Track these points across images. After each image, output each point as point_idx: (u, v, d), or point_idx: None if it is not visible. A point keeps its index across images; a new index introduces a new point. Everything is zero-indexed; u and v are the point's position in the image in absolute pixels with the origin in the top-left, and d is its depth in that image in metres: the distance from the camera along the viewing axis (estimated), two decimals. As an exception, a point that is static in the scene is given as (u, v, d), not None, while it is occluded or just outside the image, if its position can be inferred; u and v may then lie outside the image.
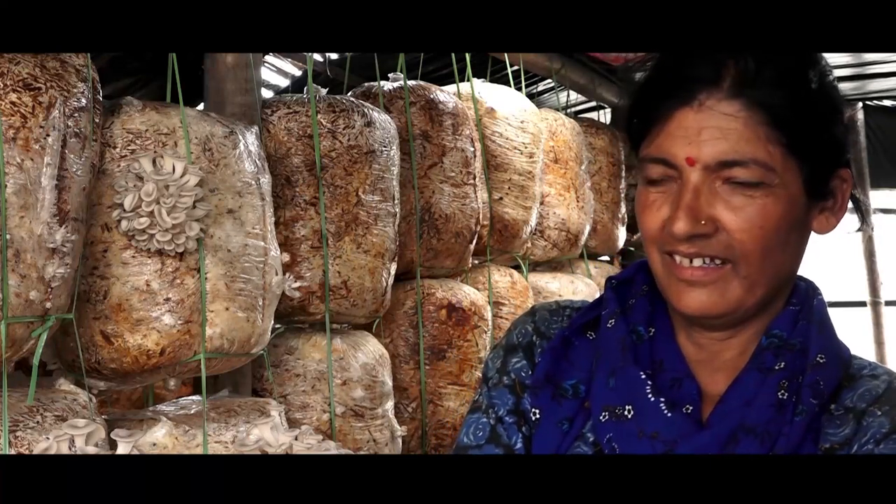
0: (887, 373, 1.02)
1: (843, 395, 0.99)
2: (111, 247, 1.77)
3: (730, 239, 0.96)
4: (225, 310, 1.85)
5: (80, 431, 1.59)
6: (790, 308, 1.03)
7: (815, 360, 0.99)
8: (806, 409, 0.96)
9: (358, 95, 2.72)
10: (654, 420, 0.98)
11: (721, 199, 0.96)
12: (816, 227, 1.02)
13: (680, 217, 0.95)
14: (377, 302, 2.43)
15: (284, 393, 2.25)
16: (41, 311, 1.59)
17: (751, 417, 0.96)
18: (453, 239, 2.82)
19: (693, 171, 0.96)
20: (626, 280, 1.10)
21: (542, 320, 1.12)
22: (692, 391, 1.01)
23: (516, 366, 1.09)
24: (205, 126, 1.90)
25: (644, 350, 1.04)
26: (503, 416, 1.07)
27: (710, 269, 0.97)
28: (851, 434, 0.96)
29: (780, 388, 0.97)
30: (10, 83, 1.54)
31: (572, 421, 1.03)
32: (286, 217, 2.26)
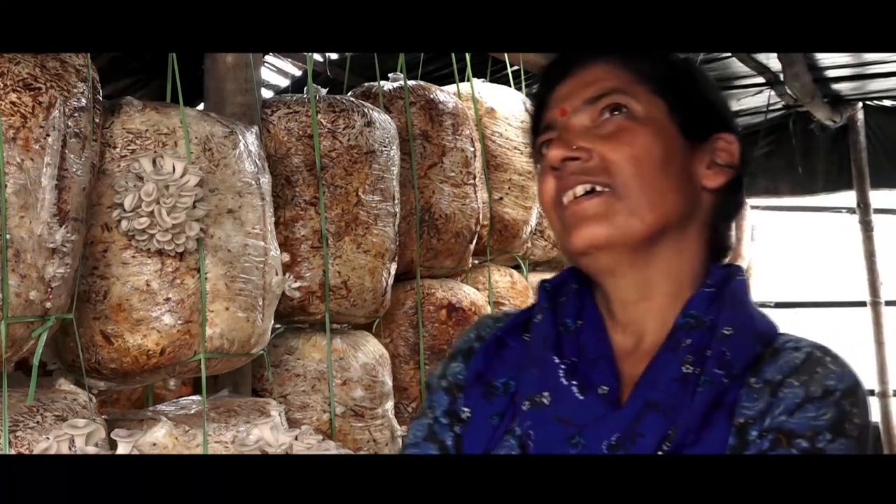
0: (811, 345, 1.00)
1: (764, 368, 0.98)
2: (111, 247, 1.77)
3: (604, 162, 1.01)
4: (225, 310, 1.85)
5: (80, 431, 1.59)
6: (705, 290, 1.04)
7: (721, 332, 1.00)
8: (709, 378, 0.96)
9: (358, 95, 2.72)
10: (566, 404, 1.00)
11: (591, 130, 1.03)
12: (704, 179, 1.06)
13: (554, 146, 1.03)
14: (377, 302, 2.42)
15: (284, 393, 2.25)
16: (41, 311, 1.59)
17: (655, 393, 0.97)
18: (453, 239, 2.82)
19: (565, 119, 1.05)
20: (558, 283, 1.13)
21: (484, 326, 1.15)
22: (607, 373, 1.02)
23: (454, 370, 1.13)
24: (205, 126, 1.90)
25: (570, 340, 1.06)
26: (439, 417, 1.10)
27: (592, 197, 1.01)
28: (766, 407, 0.95)
29: (684, 363, 0.98)
30: (11, 83, 1.54)
31: (502, 416, 1.05)
32: (286, 217, 2.26)
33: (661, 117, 1.04)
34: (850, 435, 0.93)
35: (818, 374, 0.96)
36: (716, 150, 1.07)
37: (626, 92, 1.04)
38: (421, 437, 1.10)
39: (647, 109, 1.03)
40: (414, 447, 1.10)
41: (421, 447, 1.09)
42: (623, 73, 1.05)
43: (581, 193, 1.01)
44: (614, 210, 1.00)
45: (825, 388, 0.95)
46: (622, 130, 1.02)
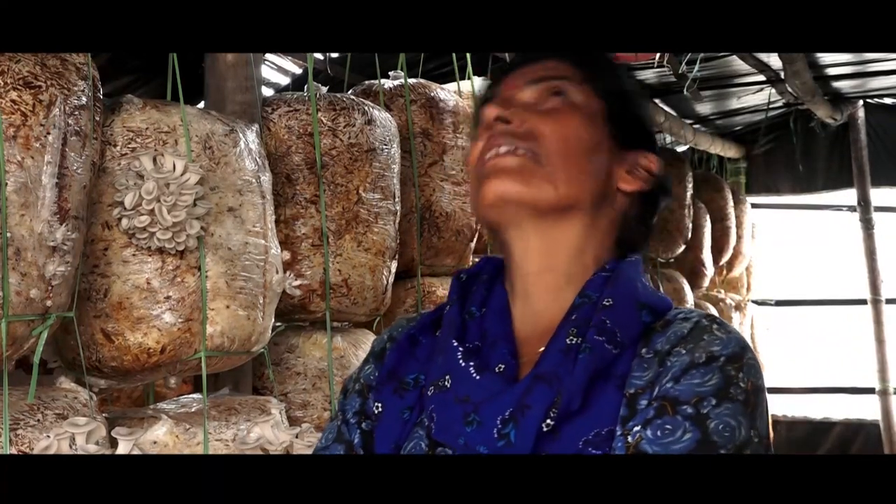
0: (700, 314, 1.02)
1: (654, 339, 1.00)
2: (112, 245, 1.77)
3: (533, 131, 1.04)
4: (225, 308, 1.85)
5: (80, 429, 1.59)
6: (601, 273, 1.07)
7: (601, 304, 1.02)
8: (590, 346, 0.98)
9: (358, 93, 2.72)
10: (464, 384, 1.01)
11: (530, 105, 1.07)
12: (620, 181, 1.10)
13: (489, 107, 1.07)
14: (378, 300, 2.43)
15: (285, 391, 2.25)
16: (42, 310, 1.59)
17: (542, 366, 0.99)
18: (454, 237, 2.82)
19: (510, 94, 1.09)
20: (472, 273, 1.15)
21: (397, 327, 1.18)
22: (504, 352, 1.04)
23: (366, 372, 1.15)
24: (205, 124, 1.90)
25: (474, 325, 1.08)
26: (348, 418, 1.12)
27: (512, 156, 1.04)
28: (654, 376, 0.97)
29: (569, 335, 1.00)
30: (11, 81, 1.54)
31: (412, 409, 1.07)
32: (287, 215, 2.26)
33: (596, 115, 1.08)
34: (735, 399, 0.93)
35: (704, 341, 0.97)
36: (637, 162, 1.11)
37: (571, 82, 1.09)
38: (331, 440, 1.12)
39: (585, 102, 1.08)
40: (324, 450, 1.12)
41: (330, 449, 1.12)
42: (571, 69, 1.10)
43: (503, 151, 1.04)
44: (531, 171, 1.03)
45: (710, 353, 0.96)
46: (557, 110, 1.07)
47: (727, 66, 4.70)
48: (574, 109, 1.07)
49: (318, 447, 1.14)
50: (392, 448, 1.06)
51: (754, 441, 0.93)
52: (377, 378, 1.12)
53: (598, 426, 0.96)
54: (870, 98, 5.81)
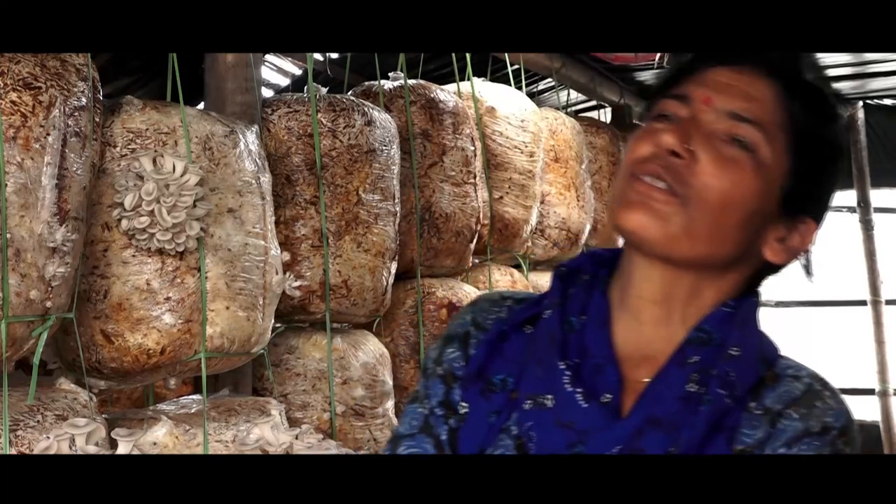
0: (810, 375, 1.01)
1: (764, 393, 0.99)
2: (111, 246, 1.77)
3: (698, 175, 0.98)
4: (225, 309, 1.85)
5: (80, 430, 1.59)
6: (725, 309, 1.04)
7: (728, 352, 0.99)
8: (712, 398, 0.96)
9: (358, 94, 2.72)
10: (570, 410, 0.99)
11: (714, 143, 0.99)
12: (769, 250, 1.04)
13: (671, 133, 0.99)
14: (377, 301, 2.42)
15: (285, 392, 2.25)
16: (41, 311, 1.59)
17: (658, 410, 0.97)
18: (454, 238, 2.82)
19: (705, 110, 1.00)
20: (573, 268, 1.11)
21: (481, 311, 1.13)
22: (612, 379, 1.01)
23: (450, 356, 1.10)
24: (205, 125, 1.90)
25: (574, 340, 1.04)
26: (434, 408, 1.08)
27: (663, 192, 0.98)
28: (765, 437, 0.96)
29: (690, 381, 0.98)
30: (11, 82, 1.54)
31: (499, 413, 1.04)
32: (286, 216, 2.26)
33: (777, 176, 1.01)
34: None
35: (817, 409, 0.96)
36: (794, 230, 1.05)
37: (768, 133, 1.00)
38: (416, 428, 1.08)
39: (771, 163, 1.00)
40: (409, 438, 1.08)
41: (416, 439, 1.07)
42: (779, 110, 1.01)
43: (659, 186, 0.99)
44: (674, 219, 0.98)
45: (824, 424, 0.95)
46: (737, 166, 0.99)
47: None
48: (754, 170, 0.99)
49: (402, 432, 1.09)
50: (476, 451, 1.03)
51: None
52: (465, 372, 1.08)
53: None
54: (869, 99, 5.80)
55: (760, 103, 1.00)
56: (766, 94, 1.01)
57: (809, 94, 1.03)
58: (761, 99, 1.01)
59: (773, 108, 1.01)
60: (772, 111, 1.00)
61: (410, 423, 1.09)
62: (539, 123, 3.32)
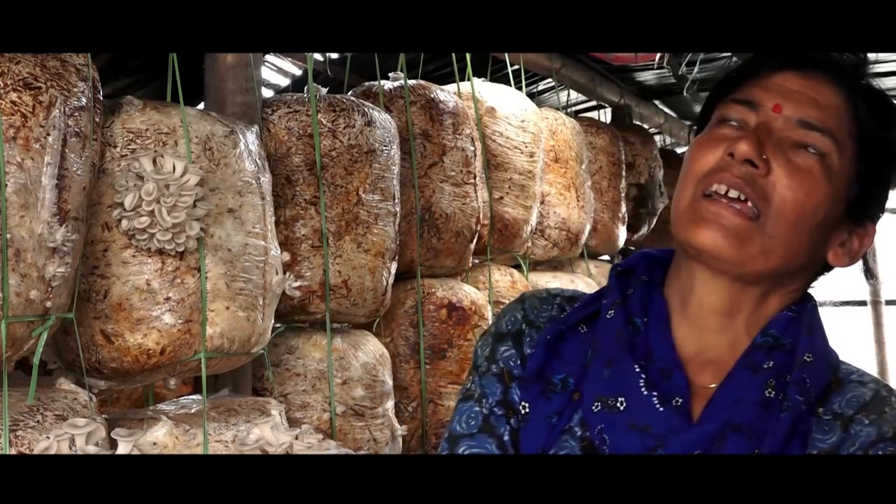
0: (874, 380, 1.02)
1: (832, 398, 1.00)
2: (111, 246, 1.77)
3: (773, 189, 0.97)
4: (225, 309, 1.85)
5: (80, 431, 1.59)
6: (788, 313, 1.04)
7: (802, 358, 1.00)
8: (791, 405, 0.97)
9: (358, 95, 2.72)
10: (645, 413, 0.99)
11: (786, 152, 0.98)
12: (832, 254, 1.05)
13: (746, 141, 0.98)
14: (377, 301, 2.42)
15: (285, 392, 2.25)
16: (41, 311, 1.59)
17: (738, 415, 0.97)
18: (453, 238, 2.82)
19: (775, 117, 1.00)
20: (629, 268, 1.10)
21: (532, 308, 1.11)
22: (681, 384, 1.01)
23: (505, 354, 1.09)
24: (205, 125, 1.90)
25: (639, 341, 1.04)
26: (494, 407, 1.06)
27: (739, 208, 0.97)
28: (839, 442, 0.97)
29: (767, 387, 0.98)
30: (11, 82, 1.54)
31: (561, 414, 1.03)
32: (286, 216, 2.26)
33: (845, 182, 1.01)
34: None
35: (887, 413, 0.97)
36: (855, 234, 1.05)
37: (838, 141, 1.00)
38: (476, 427, 1.06)
39: (841, 168, 1.00)
40: (469, 438, 1.06)
41: (477, 439, 1.05)
42: (847, 118, 1.01)
43: (733, 196, 0.98)
44: (750, 238, 0.98)
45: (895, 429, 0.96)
46: (809, 174, 0.99)
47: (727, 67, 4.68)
48: (826, 177, 0.99)
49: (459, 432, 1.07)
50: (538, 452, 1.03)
51: None
52: (524, 371, 1.06)
53: None
54: (869, 99, 5.79)
55: (829, 110, 1.00)
56: (834, 100, 1.01)
57: (873, 98, 1.04)
58: (830, 106, 1.00)
59: (841, 115, 1.01)
60: (840, 118, 1.00)
61: (468, 422, 1.07)
62: (539, 124, 3.32)
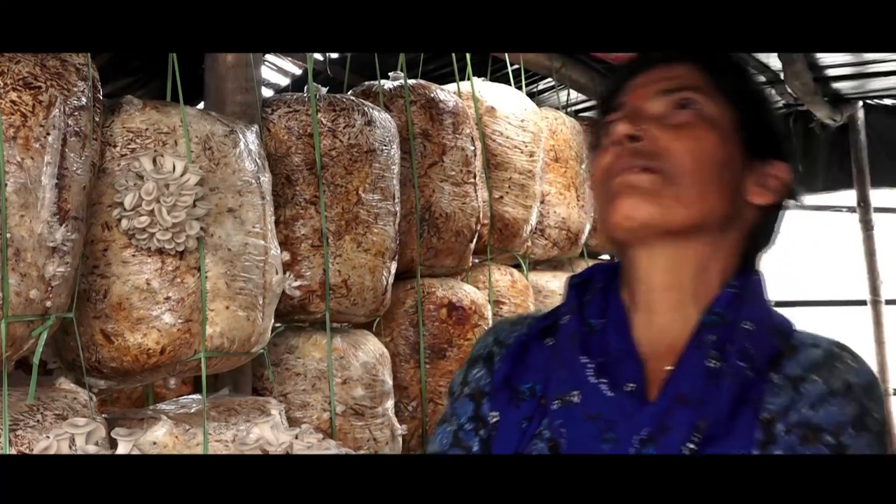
0: (829, 342, 1.03)
1: (784, 364, 1.01)
2: (111, 246, 1.77)
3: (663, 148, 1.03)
4: (225, 308, 1.85)
5: (80, 430, 1.59)
6: (730, 290, 1.07)
7: (741, 326, 1.02)
8: (734, 371, 0.99)
9: (358, 94, 2.72)
10: (596, 401, 1.02)
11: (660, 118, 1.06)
12: (752, 194, 1.09)
13: (621, 122, 1.06)
14: (377, 301, 2.42)
15: (285, 392, 2.25)
16: (41, 310, 1.59)
17: (683, 388, 0.99)
18: (453, 238, 2.82)
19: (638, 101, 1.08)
20: (585, 279, 1.15)
21: (502, 331, 1.17)
22: (633, 369, 1.04)
23: (476, 375, 1.14)
24: (205, 125, 1.90)
25: (595, 339, 1.07)
26: (463, 424, 1.11)
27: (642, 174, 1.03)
28: (789, 402, 0.98)
29: (709, 358, 1.00)
30: (11, 82, 1.54)
31: (531, 420, 1.07)
32: (286, 216, 2.26)
33: (728, 126, 1.06)
34: (871, 429, 0.95)
35: (838, 369, 0.99)
36: (768, 173, 1.10)
37: (702, 92, 1.07)
38: (447, 445, 1.10)
39: (717, 114, 1.06)
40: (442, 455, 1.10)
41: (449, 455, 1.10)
42: (702, 77, 1.08)
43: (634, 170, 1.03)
44: (662, 191, 1.02)
45: (846, 383, 0.97)
46: (689, 125, 1.05)
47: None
48: (706, 123, 1.05)
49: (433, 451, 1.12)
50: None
51: None
52: (491, 385, 1.11)
53: (735, 448, 0.97)
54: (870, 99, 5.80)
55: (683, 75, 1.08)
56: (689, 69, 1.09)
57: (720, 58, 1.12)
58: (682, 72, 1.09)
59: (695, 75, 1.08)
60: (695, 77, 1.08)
61: (441, 442, 1.12)
62: (539, 123, 3.32)
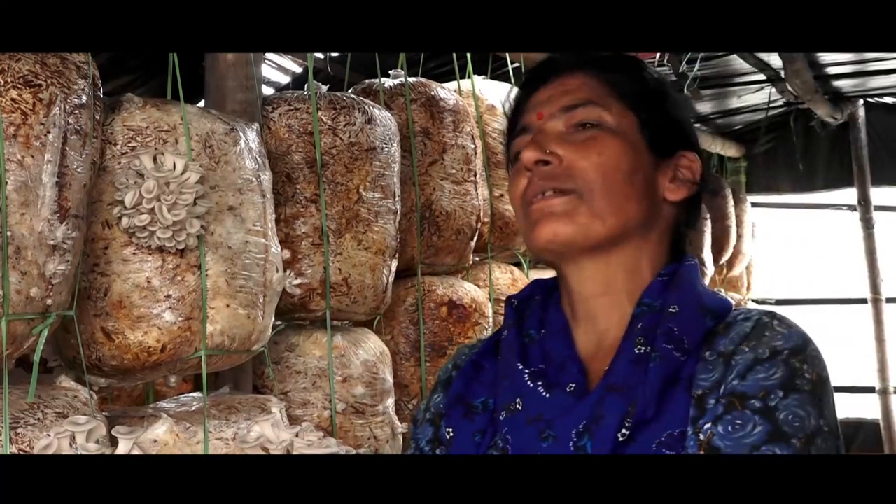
0: (761, 313, 1.04)
1: (716, 341, 1.02)
2: (112, 244, 1.77)
3: (572, 169, 1.06)
4: (226, 307, 1.85)
5: (80, 428, 1.59)
6: (659, 279, 1.08)
7: (667, 310, 1.04)
8: (660, 354, 1.00)
9: (359, 92, 2.72)
10: (535, 404, 1.04)
11: (564, 137, 1.08)
12: (667, 192, 1.11)
13: (529, 148, 1.08)
14: (378, 299, 2.43)
15: (285, 390, 2.25)
16: (42, 308, 1.59)
17: (613, 377, 1.01)
18: (454, 236, 2.82)
19: (542, 123, 1.10)
20: (524, 297, 1.17)
21: (460, 354, 1.21)
22: (574, 371, 1.06)
23: (436, 400, 1.18)
24: (205, 123, 1.90)
25: (535, 348, 1.10)
26: (423, 447, 1.15)
27: (557, 199, 1.05)
28: (720, 376, 0.99)
29: (636, 345, 1.02)
30: (11, 80, 1.54)
31: (484, 433, 1.09)
32: (287, 214, 2.26)
33: (631, 131, 1.09)
34: (801, 389, 0.96)
35: (766, 336, 1.00)
36: (679, 166, 1.12)
37: (601, 104, 1.09)
38: None
39: (618, 122, 1.08)
40: None
41: None
42: (599, 85, 1.10)
43: (548, 195, 1.06)
44: (577, 210, 1.05)
45: (773, 348, 0.98)
46: (593, 140, 1.07)
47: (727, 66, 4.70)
48: (609, 135, 1.07)
49: None
50: None
51: (824, 430, 0.95)
52: (446, 401, 1.14)
53: (669, 428, 0.98)
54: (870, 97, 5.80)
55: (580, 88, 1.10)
56: (579, 79, 1.11)
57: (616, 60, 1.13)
58: (578, 85, 1.10)
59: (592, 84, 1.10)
60: (593, 87, 1.10)
61: None
62: (539, 121, 3.31)
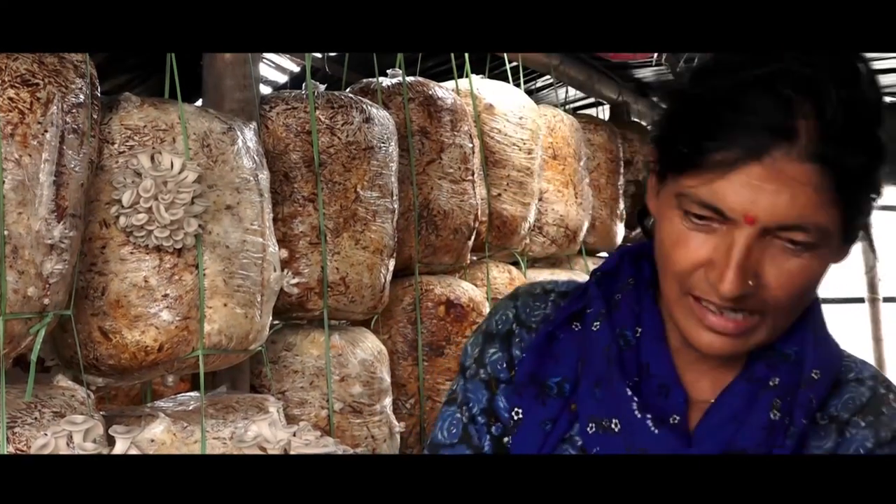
0: (872, 377, 0.99)
1: (828, 402, 0.97)
2: (109, 243, 1.77)
3: (767, 295, 0.91)
4: (223, 306, 1.85)
5: (78, 428, 1.59)
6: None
7: (809, 375, 0.96)
8: (797, 430, 0.94)
9: (356, 91, 2.71)
10: (641, 436, 0.95)
11: (769, 257, 0.90)
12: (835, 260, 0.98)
13: (730, 279, 0.89)
14: (375, 298, 2.42)
15: (283, 389, 2.25)
16: (39, 308, 1.58)
17: (741, 439, 0.94)
18: (452, 235, 2.82)
19: (750, 229, 0.89)
20: (610, 271, 1.05)
21: (524, 306, 1.07)
22: (679, 400, 0.98)
23: (493, 358, 1.06)
24: (203, 122, 1.89)
25: (630, 356, 1.00)
26: (476, 415, 1.04)
27: (739, 322, 0.92)
28: (834, 446, 0.95)
29: (772, 408, 0.95)
30: (8, 79, 1.53)
31: (555, 421, 1.00)
32: (284, 213, 2.26)
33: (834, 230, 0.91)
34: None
35: (885, 415, 0.95)
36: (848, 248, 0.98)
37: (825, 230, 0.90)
38: (456, 437, 1.04)
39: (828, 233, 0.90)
40: (448, 448, 1.04)
41: (456, 449, 1.03)
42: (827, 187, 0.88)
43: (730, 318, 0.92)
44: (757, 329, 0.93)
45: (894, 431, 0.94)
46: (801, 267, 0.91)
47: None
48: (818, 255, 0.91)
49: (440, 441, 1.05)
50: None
51: None
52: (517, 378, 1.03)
53: None
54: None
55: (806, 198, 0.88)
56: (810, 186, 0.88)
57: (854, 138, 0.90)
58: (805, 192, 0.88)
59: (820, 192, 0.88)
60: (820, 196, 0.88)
61: (449, 430, 1.05)
62: (537, 120, 3.32)
